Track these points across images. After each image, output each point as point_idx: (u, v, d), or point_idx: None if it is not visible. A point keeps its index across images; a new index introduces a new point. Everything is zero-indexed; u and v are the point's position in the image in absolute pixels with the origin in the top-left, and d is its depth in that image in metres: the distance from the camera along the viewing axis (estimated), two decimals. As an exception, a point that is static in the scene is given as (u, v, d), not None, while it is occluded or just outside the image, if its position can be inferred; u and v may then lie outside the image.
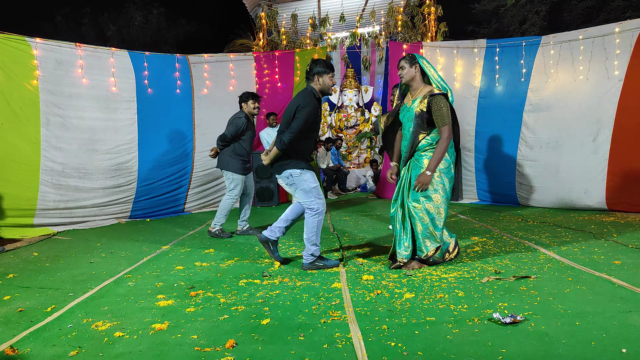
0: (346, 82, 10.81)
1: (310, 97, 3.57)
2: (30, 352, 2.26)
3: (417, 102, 3.51)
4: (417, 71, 3.56)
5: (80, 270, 3.84)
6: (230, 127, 5.08)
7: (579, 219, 5.49)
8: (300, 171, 3.58)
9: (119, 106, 6.38)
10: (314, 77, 3.63)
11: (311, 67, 3.65)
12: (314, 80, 3.64)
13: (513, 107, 6.65)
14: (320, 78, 3.62)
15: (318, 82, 3.63)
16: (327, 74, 3.62)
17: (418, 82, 3.58)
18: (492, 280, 3.15)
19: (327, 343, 2.25)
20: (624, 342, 2.14)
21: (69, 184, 5.87)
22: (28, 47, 5.60)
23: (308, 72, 3.66)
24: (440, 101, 3.41)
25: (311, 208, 3.59)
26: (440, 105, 3.40)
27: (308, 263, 3.66)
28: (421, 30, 8.73)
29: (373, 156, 10.27)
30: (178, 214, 6.92)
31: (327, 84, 3.65)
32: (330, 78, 3.65)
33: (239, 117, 5.12)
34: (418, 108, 3.49)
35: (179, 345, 2.28)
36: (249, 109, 5.18)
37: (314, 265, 3.65)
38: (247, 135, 5.15)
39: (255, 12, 9.88)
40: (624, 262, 3.50)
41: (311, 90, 3.63)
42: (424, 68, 3.56)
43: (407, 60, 3.57)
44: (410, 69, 3.55)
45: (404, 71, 3.57)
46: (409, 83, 3.61)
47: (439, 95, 3.43)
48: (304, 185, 3.58)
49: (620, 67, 5.84)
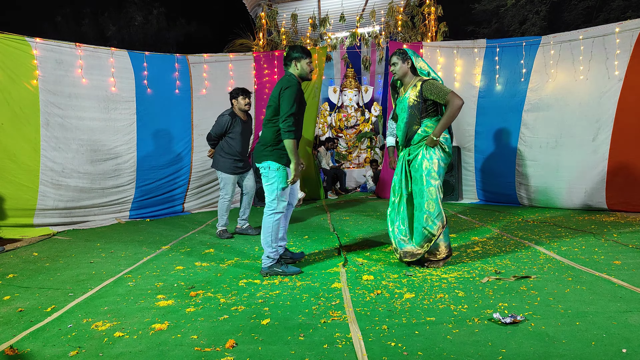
0: (346, 82, 10.81)
1: (290, 79, 3.47)
2: (30, 352, 2.26)
3: (409, 92, 3.60)
4: (409, 66, 3.64)
5: (80, 270, 3.83)
6: (215, 125, 5.02)
7: (579, 219, 5.49)
8: (278, 166, 3.46)
9: (118, 106, 6.38)
10: (292, 63, 3.56)
11: (288, 53, 3.58)
12: (291, 65, 3.57)
13: (513, 107, 6.66)
14: (298, 63, 3.54)
15: (296, 67, 3.56)
16: (305, 59, 3.55)
17: (410, 76, 3.67)
18: (492, 280, 3.15)
19: (327, 343, 2.25)
20: (624, 342, 2.14)
21: (68, 184, 5.87)
22: (28, 47, 5.60)
23: (285, 58, 3.59)
24: (431, 82, 3.50)
25: (271, 208, 3.49)
26: (434, 84, 3.48)
27: (266, 267, 3.51)
28: (421, 30, 8.73)
29: (373, 156, 10.27)
30: (177, 214, 6.92)
31: (305, 69, 3.57)
32: (308, 63, 3.57)
33: (222, 115, 5.04)
34: (411, 98, 3.56)
35: (179, 345, 2.28)
36: (240, 105, 5.07)
37: (272, 270, 3.50)
38: (236, 134, 5.00)
39: (255, 12, 9.88)
40: (624, 262, 3.50)
41: (291, 76, 3.54)
42: (415, 63, 3.63)
43: (399, 55, 3.63)
44: (402, 64, 3.62)
45: (396, 67, 3.65)
46: (401, 78, 3.69)
47: (428, 80, 3.53)
48: (274, 183, 3.46)
49: (621, 67, 5.84)
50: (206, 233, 5.38)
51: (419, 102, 3.52)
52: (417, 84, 3.56)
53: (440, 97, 3.45)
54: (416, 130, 3.57)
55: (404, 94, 3.67)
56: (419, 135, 3.57)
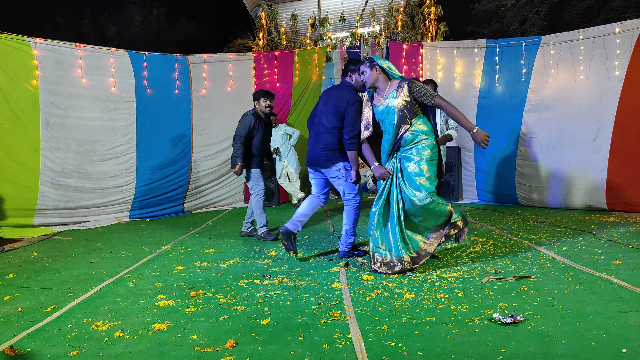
0: (346, 82, 10.79)
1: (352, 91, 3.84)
2: (30, 352, 2.26)
3: (394, 96, 3.49)
4: (379, 72, 3.57)
5: (80, 270, 3.83)
6: (239, 125, 4.94)
7: (579, 219, 5.49)
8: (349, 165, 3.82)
9: (118, 106, 6.39)
10: (348, 75, 3.92)
11: (346, 66, 3.97)
12: (348, 76, 3.93)
13: (513, 107, 6.65)
14: (353, 75, 3.89)
15: (351, 79, 3.91)
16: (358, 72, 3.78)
17: (383, 82, 3.59)
18: (492, 280, 3.15)
19: (327, 343, 2.25)
20: (624, 342, 2.14)
21: (68, 184, 5.87)
22: (28, 47, 5.60)
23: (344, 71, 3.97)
24: (418, 84, 3.51)
25: (355, 201, 3.90)
26: (421, 86, 3.49)
27: (345, 252, 3.96)
28: (421, 30, 8.73)
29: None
30: (177, 214, 6.93)
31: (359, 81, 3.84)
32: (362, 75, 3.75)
33: (245, 115, 4.98)
34: (399, 100, 3.47)
35: (179, 345, 2.28)
36: (261, 107, 5.04)
37: (350, 253, 3.96)
38: (258, 134, 4.99)
39: (255, 12, 9.88)
40: (624, 262, 3.50)
41: (350, 85, 3.90)
42: (384, 67, 3.57)
43: (366, 64, 3.58)
44: (371, 72, 3.56)
45: (365, 75, 3.59)
46: (373, 85, 3.61)
47: (413, 80, 3.53)
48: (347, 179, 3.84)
49: (621, 67, 5.84)
50: (206, 233, 5.38)
51: (408, 102, 3.45)
52: (403, 85, 3.49)
53: (428, 99, 3.46)
54: (406, 130, 3.46)
55: (384, 100, 3.54)
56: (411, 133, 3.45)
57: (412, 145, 3.49)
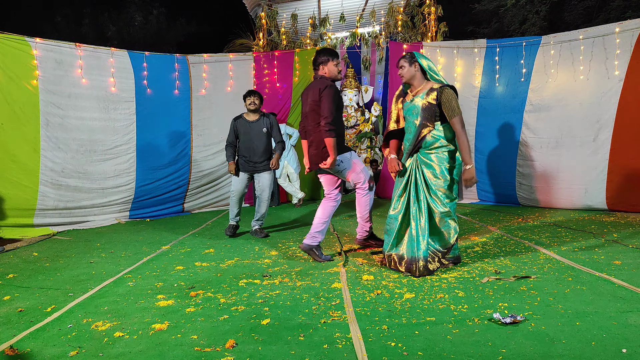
0: (346, 82, 10.79)
1: (324, 81, 3.71)
2: (30, 352, 2.26)
3: (422, 97, 3.50)
4: (417, 70, 3.56)
5: (80, 270, 3.83)
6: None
7: (579, 219, 5.49)
8: (349, 154, 3.77)
9: (118, 106, 6.38)
10: (319, 67, 3.79)
11: (315, 58, 3.81)
12: (319, 70, 3.80)
13: (513, 107, 6.66)
14: (325, 66, 3.77)
15: (324, 71, 3.78)
16: (331, 61, 3.76)
17: (419, 80, 3.58)
18: (492, 280, 3.15)
19: (327, 343, 2.25)
20: (624, 342, 2.14)
21: (68, 184, 5.87)
22: (28, 47, 5.60)
23: (314, 63, 3.82)
24: (450, 94, 3.41)
25: (364, 187, 3.80)
26: (450, 98, 3.40)
27: (362, 239, 3.98)
28: (421, 30, 8.73)
29: (373, 156, 10.26)
30: (178, 214, 6.93)
31: (333, 71, 3.78)
32: (335, 65, 3.78)
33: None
34: (425, 101, 3.47)
35: (179, 345, 2.28)
36: (245, 106, 5.19)
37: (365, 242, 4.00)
38: (242, 134, 5.13)
39: (255, 12, 9.89)
40: (624, 262, 3.50)
41: (322, 77, 3.78)
42: (423, 66, 3.56)
43: (407, 59, 3.57)
44: (410, 67, 3.55)
45: (403, 70, 3.58)
46: (409, 82, 3.61)
47: (448, 88, 3.43)
48: (355, 167, 3.77)
49: (621, 67, 5.84)
50: (206, 233, 5.38)
51: (433, 105, 3.44)
52: (435, 87, 3.47)
53: (449, 113, 3.40)
54: (428, 131, 3.46)
55: (411, 98, 3.57)
56: (432, 136, 3.46)
57: (433, 150, 3.47)
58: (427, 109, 3.46)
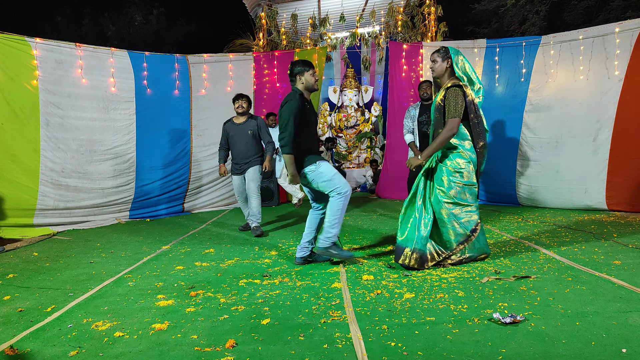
0: (346, 82, 10.81)
1: (291, 95, 3.63)
2: (30, 352, 2.26)
3: (438, 95, 3.49)
4: (449, 65, 3.48)
5: (80, 270, 3.83)
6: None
7: (579, 219, 5.49)
8: (314, 167, 3.61)
9: (118, 107, 6.39)
10: (296, 78, 3.72)
11: (291, 69, 3.74)
12: (296, 81, 3.73)
13: (513, 107, 6.66)
14: (302, 77, 3.69)
15: (301, 82, 3.71)
16: (307, 71, 3.69)
17: (445, 77, 3.51)
18: (492, 280, 3.15)
19: (327, 343, 2.25)
20: (624, 342, 2.14)
21: (68, 184, 5.87)
22: (28, 47, 5.60)
23: (290, 75, 3.75)
24: (454, 93, 3.36)
25: (339, 193, 3.56)
26: (452, 97, 3.35)
27: (322, 248, 3.63)
28: (421, 30, 8.73)
29: (373, 156, 10.27)
30: (177, 214, 6.93)
31: (310, 81, 3.70)
32: (312, 74, 3.71)
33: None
34: (438, 99, 3.46)
35: (179, 345, 2.28)
36: (234, 109, 5.40)
37: (327, 251, 3.63)
38: (230, 137, 5.34)
39: (255, 12, 9.89)
40: (624, 262, 3.50)
41: (294, 90, 3.70)
42: (455, 63, 3.47)
43: (441, 53, 3.49)
44: (442, 63, 3.48)
45: (435, 64, 3.52)
46: (438, 77, 3.55)
47: (454, 87, 3.38)
48: (324, 177, 3.59)
49: (621, 67, 5.84)
50: (206, 233, 5.38)
51: (442, 105, 3.43)
52: (448, 85, 3.42)
53: (447, 113, 3.38)
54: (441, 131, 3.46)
55: (434, 97, 3.55)
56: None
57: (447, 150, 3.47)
58: (438, 109, 3.46)
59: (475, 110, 3.46)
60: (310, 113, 3.75)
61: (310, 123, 3.74)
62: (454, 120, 3.36)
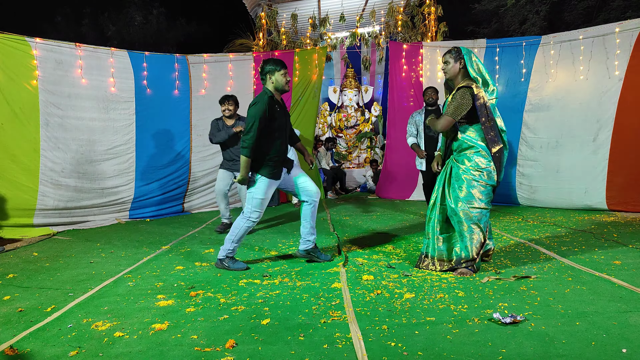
0: (346, 82, 10.81)
1: (259, 97, 3.54)
2: (30, 352, 2.26)
3: (450, 96, 3.41)
4: (462, 66, 3.36)
5: (80, 270, 3.83)
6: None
7: (579, 219, 5.49)
8: (258, 176, 3.59)
9: (118, 107, 6.38)
10: (266, 77, 3.60)
11: (262, 67, 3.62)
12: (267, 80, 3.61)
13: (513, 107, 6.66)
14: (272, 76, 3.57)
15: (271, 81, 3.59)
16: (278, 71, 3.56)
17: (459, 78, 3.39)
18: (492, 280, 3.15)
19: (327, 343, 2.25)
20: (624, 342, 2.14)
21: (68, 184, 5.87)
22: (28, 47, 5.60)
23: (260, 73, 3.64)
24: (460, 93, 3.25)
25: (247, 216, 3.62)
26: (458, 96, 3.25)
27: (218, 259, 3.72)
28: (421, 30, 8.73)
29: (373, 156, 10.26)
30: (177, 214, 6.92)
31: (280, 81, 3.58)
32: (283, 75, 3.58)
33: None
34: (448, 100, 3.40)
35: (179, 345, 2.28)
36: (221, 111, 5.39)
37: (221, 263, 3.70)
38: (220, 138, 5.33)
39: (255, 12, 9.89)
40: (624, 262, 3.50)
41: (264, 91, 3.60)
42: (468, 63, 3.33)
43: (453, 54, 3.37)
44: (455, 64, 3.37)
45: (448, 66, 3.39)
46: (451, 79, 3.45)
47: (464, 88, 3.27)
48: (252, 192, 3.59)
49: (621, 66, 5.84)
50: (206, 233, 5.38)
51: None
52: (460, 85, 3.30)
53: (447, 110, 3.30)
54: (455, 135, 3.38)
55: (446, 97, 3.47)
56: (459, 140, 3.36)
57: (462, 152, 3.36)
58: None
59: (488, 113, 3.25)
60: (280, 116, 3.63)
61: (276, 128, 3.62)
62: (447, 119, 3.28)
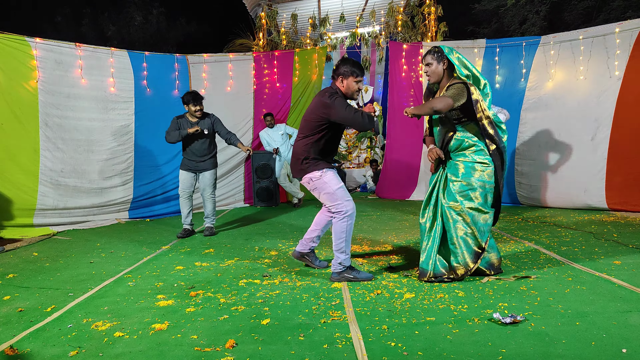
0: (346, 82, 10.80)
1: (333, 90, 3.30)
2: (30, 352, 2.26)
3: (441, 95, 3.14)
4: (445, 67, 3.15)
5: (80, 270, 3.83)
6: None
7: (579, 219, 5.49)
8: (320, 173, 3.30)
9: (117, 107, 6.38)
10: (338, 78, 3.31)
11: (337, 65, 3.32)
12: (337, 80, 3.33)
13: (512, 105, 6.65)
14: (345, 80, 3.28)
15: (342, 85, 3.31)
16: (353, 77, 3.27)
17: (446, 78, 3.17)
18: (492, 280, 3.15)
19: (327, 343, 2.25)
20: (624, 342, 2.14)
21: (67, 184, 5.87)
22: (28, 47, 5.59)
23: (333, 71, 3.35)
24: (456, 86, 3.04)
25: (338, 212, 3.27)
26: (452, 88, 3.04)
27: (336, 273, 3.30)
28: (421, 30, 8.73)
29: (373, 156, 10.26)
30: (177, 213, 6.91)
31: (352, 87, 3.29)
32: (356, 82, 3.29)
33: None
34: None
35: (179, 345, 2.28)
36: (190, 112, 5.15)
37: (342, 276, 3.28)
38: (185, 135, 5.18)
39: (255, 12, 9.88)
40: (624, 262, 3.50)
41: (336, 89, 3.32)
42: (453, 62, 3.11)
43: (434, 54, 3.14)
44: (438, 65, 3.14)
45: (431, 68, 3.16)
46: (436, 82, 3.22)
47: (459, 83, 3.07)
48: (327, 188, 3.29)
49: (620, 66, 5.85)
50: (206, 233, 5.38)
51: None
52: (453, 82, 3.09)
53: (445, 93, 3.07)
54: (452, 136, 3.16)
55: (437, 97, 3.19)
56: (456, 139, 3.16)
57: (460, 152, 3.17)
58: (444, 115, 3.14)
59: (482, 111, 3.09)
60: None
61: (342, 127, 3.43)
62: (448, 100, 2.97)
